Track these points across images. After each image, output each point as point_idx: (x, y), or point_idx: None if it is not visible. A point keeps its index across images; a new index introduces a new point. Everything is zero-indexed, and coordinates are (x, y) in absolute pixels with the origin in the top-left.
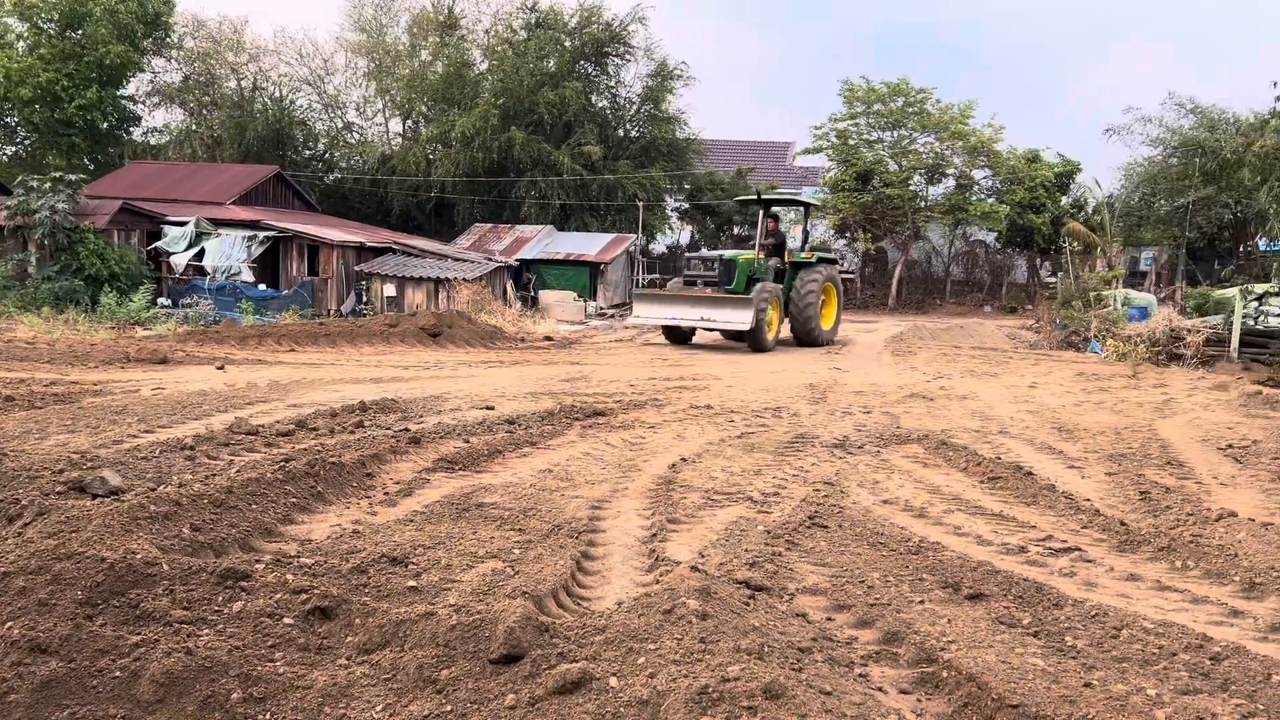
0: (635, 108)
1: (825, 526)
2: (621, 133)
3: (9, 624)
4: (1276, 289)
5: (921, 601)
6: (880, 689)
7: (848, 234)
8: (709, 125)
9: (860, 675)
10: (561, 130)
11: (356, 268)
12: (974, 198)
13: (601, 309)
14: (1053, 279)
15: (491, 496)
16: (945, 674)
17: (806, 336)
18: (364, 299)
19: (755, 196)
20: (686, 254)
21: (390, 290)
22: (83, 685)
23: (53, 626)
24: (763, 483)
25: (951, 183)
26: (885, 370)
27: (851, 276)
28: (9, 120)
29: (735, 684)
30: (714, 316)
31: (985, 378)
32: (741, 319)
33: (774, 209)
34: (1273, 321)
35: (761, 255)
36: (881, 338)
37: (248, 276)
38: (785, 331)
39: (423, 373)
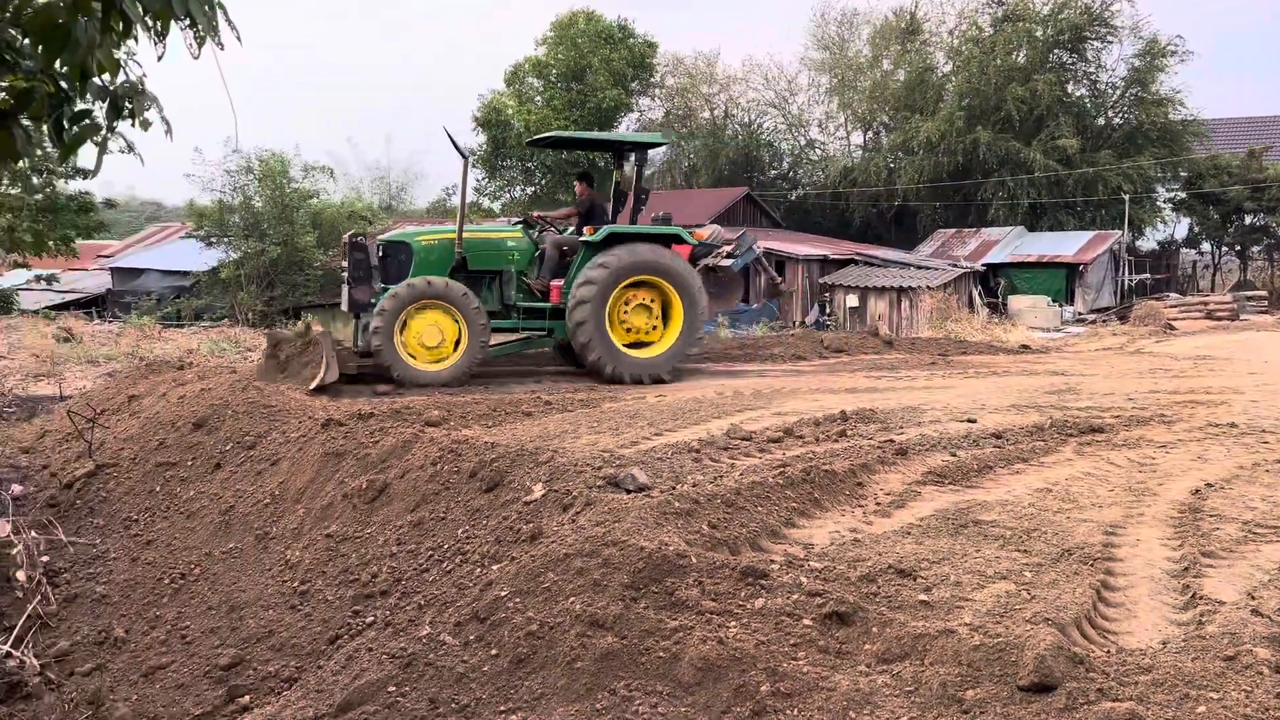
0: (1118, 93)
1: None
2: (1101, 121)
3: (571, 599)
4: None
5: None
6: None
7: None
8: (1210, 104)
9: None
10: (1031, 125)
11: (820, 280)
12: None
13: (1080, 314)
14: None
15: (988, 514)
16: None
17: (589, 364)
18: (827, 310)
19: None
20: (347, 238)
21: (853, 301)
22: (634, 660)
23: (606, 605)
24: None
25: None
26: None
27: (728, 266)
28: (529, 165)
29: None
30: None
31: None
32: (329, 376)
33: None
34: None
35: (564, 230)
36: None
37: None
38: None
39: (896, 382)
